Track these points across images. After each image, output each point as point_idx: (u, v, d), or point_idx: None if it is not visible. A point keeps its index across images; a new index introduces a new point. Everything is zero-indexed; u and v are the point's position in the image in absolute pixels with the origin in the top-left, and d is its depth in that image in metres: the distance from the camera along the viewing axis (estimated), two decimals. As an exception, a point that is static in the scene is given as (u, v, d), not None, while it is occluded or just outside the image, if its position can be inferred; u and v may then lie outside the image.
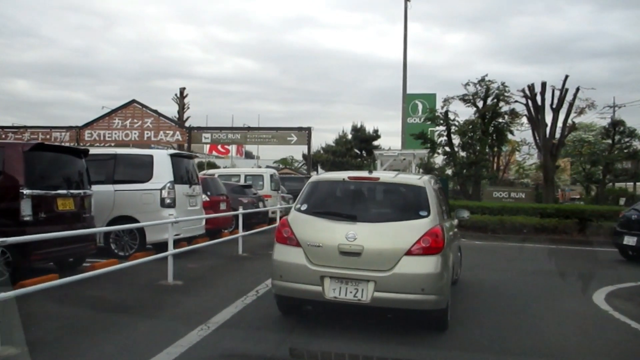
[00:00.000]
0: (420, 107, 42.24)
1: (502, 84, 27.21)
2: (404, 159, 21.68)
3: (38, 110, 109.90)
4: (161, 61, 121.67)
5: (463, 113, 31.48)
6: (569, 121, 23.49)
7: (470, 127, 23.65)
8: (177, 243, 10.80)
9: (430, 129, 34.67)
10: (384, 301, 5.29)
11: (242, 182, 19.04)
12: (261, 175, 19.33)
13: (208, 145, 65.30)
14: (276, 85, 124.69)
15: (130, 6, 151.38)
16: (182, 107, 45.08)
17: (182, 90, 45.97)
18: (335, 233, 5.50)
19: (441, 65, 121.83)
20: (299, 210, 5.93)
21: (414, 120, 40.68)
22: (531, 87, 23.03)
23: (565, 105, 23.14)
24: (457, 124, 28.14)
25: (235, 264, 10.48)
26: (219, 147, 67.91)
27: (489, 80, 27.97)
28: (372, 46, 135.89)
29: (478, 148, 23.42)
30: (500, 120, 27.41)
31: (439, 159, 45.73)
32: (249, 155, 70.32)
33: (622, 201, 23.80)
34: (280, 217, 20.49)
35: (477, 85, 28.19)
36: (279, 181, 20.73)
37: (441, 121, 28.52)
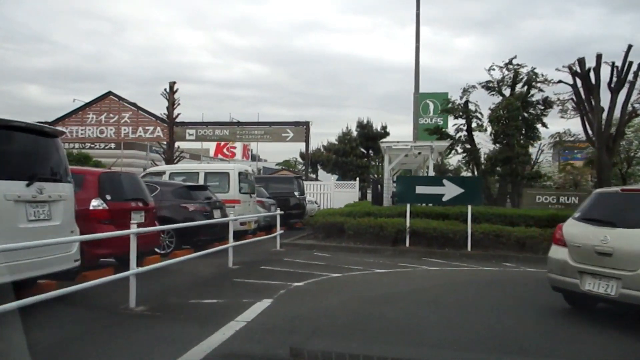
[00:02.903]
0: (431, 107, 37.44)
1: (532, 69, 22.04)
2: (419, 153, 16.48)
3: (48, 115, 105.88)
4: (171, 66, 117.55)
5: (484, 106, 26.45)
6: (629, 105, 18.06)
7: (506, 111, 18.32)
8: (31, 284, 5.72)
9: (444, 129, 30.02)
10: (629, 297, 5.68)
11: (201, 181, 13.91)
12: (226, 173, 14.06)
13: (214, 149, 60.82)
14: (285, 90, 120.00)
15: (140, 11, 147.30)
16: (172, 104, 39.85)
17: (172, 84, 40.71)
18: (592, 236, 6.24)
19: (451, 68, 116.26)
20: (573, 217, 6.91)
21: (425, 120, 35.94)
22: (582, 62, 17.66)
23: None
24: (479, 116, 23.05)
25: (100, 335, 5.28)
26: (225, 150, 63.26)
27: (518, 64, 22.73)
28: (381, 50, 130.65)
29: (516, 140, 18.12)
30: (532, 110, 22.16)
31: (453, 160, 40.51)
32: (255, 158, 65.65)
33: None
34: (253, 232, 15.35)
35: (504, 70, 22.96)
36: (254, 182, 15.52)
37: (460, 113, 23.33)
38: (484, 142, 24.45)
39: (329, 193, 29.17)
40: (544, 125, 22.64)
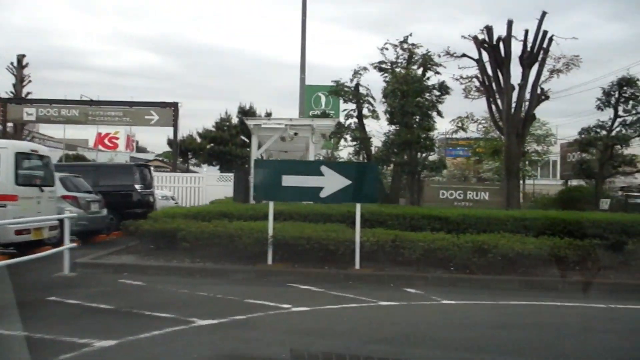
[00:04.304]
0: (323, 100, 34.43)
1: (428, 52, 18.93)
2: (295, 134, 12.40)
3: None
4: (52, 50, 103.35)
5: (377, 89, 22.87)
6: (539, 86, 15.24)
7: (404, 84, 14.74)
8: None
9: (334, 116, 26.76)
10: None
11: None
12: (-8, 155, 8.87)
13: (94, 138, 53.23)
14: (180, 81, 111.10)
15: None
16: (20, 80, 32.65)
17: (20, 58, 33.43)
18: None
19: (345, 67, 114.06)
20: None
21: (317, 113, 32.70)
22: (490, 30, 14.55)
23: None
24: (371, 101, 19.60)
25: None
26: (106, 140, 55.81)
27: (413, 44, 19.48)
28: (280, 46, 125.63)
29: (416, 121, 14.61)
30: (427, 96, 18.99)
31: (344, 153, 37.30)
32: (142, 150, 58.67)
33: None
34: (56, 242, 9.25)
35: (398, 49, 19.63)
36: (53, 169, 10.46)
37: (350, 97, 19.71)
38: (378, 134, 21.27)
39: (201, 187, 24.41)
40: (439, 113, 19.64)
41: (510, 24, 14.13)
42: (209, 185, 24.96)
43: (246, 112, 33.43)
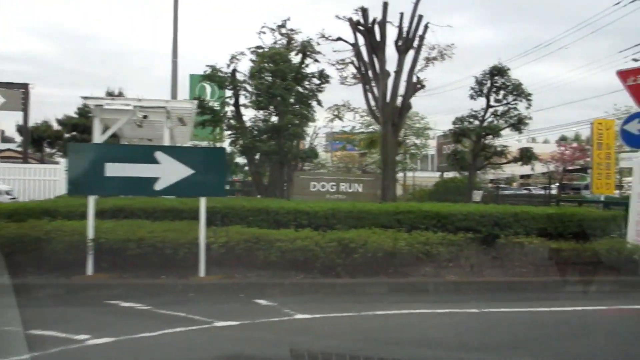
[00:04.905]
0: (208, 90, 32.49)
1: (308, 39, 17.84)
2: (145, 117, 10.59)
3: None
4: None
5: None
6: (414, 74, 14.67)
7: (270, 65, 13.38)
8: None
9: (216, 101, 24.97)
10: None
11: None
12: None
13: None
14: (54, 67, 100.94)
15: None
16: None
17: None
18: None
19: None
20: None
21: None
22: (365, 12, 13.66)
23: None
24: (248, 87, 18.15)
25: None
26: None
27: (292, 29, 18.30)
28: (162, 33, 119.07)
29: (286, 105, 13.30)
30: (307, 84, 17.90)
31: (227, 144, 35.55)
32: (8, 140, 51.87)
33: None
34: None
35: (276, 33, 18.33)
36: None
37: (226, 83, 18.08)
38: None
39: (58, 180, 21.40)
40: (319, 103, 18.62)
41: (385, 6, 13.34)
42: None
43: (115, 97, 30.31)
